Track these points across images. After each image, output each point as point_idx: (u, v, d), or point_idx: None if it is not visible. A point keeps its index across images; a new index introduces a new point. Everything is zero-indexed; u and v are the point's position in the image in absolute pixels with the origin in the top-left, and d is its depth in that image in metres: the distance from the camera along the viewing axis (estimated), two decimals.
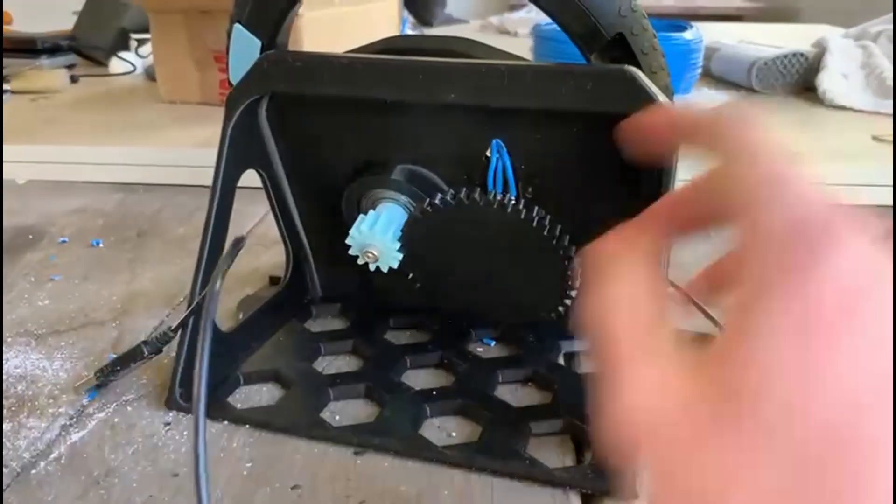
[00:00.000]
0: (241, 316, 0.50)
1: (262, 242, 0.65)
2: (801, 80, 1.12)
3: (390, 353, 0.47)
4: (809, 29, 1.85)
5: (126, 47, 1.31)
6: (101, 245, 0.65)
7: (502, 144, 0.43)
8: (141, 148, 0.84)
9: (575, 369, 0.46)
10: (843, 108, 1.02)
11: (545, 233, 0.40)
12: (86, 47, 1.32)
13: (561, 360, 0.47)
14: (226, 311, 0.53)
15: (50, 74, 1.16)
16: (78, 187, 0.81)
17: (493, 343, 0.49)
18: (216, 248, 0.43)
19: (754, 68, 1.11)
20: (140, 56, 1.29)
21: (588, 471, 0.36)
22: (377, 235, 0.43)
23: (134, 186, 0.82)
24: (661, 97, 0.37)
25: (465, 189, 0.41)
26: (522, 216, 0.40)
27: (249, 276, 0.58)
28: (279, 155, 0.47)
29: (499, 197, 0.41)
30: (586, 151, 0.42)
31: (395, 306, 0.51)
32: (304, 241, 0.51)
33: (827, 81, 1.06)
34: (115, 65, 1.27)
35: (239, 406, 0.42)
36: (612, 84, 0.37)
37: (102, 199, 0.78)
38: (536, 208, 0.41)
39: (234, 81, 0.47)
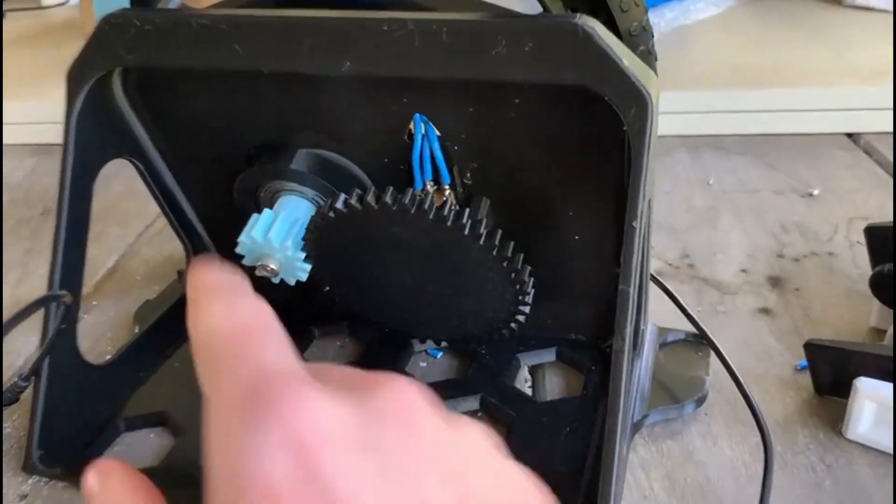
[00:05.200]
0: (136, 329, 0.42)
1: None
2: None
3: None
4: None
5: None
6: None
7: (427, 120, 0.33)
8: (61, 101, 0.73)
9: (536, 395, 0.37)
10: (865, 8, 0.89)
11: (481, 242, 0.31)
12: None
13: (520, 382, 0.38)
14: (122, 321, 0.44)
15: None
16: None
17: (440, 354, 0.40)
18: (71, 268, 0.34)
19: None
20: None
21: None
22: (274, 243, 0.34)
23: (52, 148, 0.71)
24: (625, 61, 0.26)
25: (373, 190, 0.31)
26: (449, 223, 0.31)
27: (160, 268, 0.50)
28: (151, 140, 0.37)
29: (417, 198, 0.31)
30: (534, 128, 0.31)
31: (325, 311, 0.42)
32: (203, 234, 0.42)
33: None
34: None
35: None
36: (559, 43, 0.27)
37: (13, 165, 0.68)
38: (467, 211, 0.31)
39: None
